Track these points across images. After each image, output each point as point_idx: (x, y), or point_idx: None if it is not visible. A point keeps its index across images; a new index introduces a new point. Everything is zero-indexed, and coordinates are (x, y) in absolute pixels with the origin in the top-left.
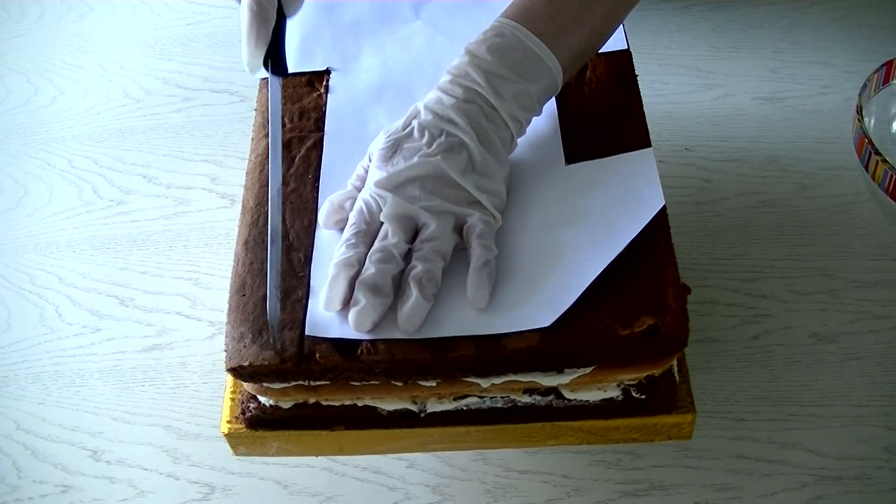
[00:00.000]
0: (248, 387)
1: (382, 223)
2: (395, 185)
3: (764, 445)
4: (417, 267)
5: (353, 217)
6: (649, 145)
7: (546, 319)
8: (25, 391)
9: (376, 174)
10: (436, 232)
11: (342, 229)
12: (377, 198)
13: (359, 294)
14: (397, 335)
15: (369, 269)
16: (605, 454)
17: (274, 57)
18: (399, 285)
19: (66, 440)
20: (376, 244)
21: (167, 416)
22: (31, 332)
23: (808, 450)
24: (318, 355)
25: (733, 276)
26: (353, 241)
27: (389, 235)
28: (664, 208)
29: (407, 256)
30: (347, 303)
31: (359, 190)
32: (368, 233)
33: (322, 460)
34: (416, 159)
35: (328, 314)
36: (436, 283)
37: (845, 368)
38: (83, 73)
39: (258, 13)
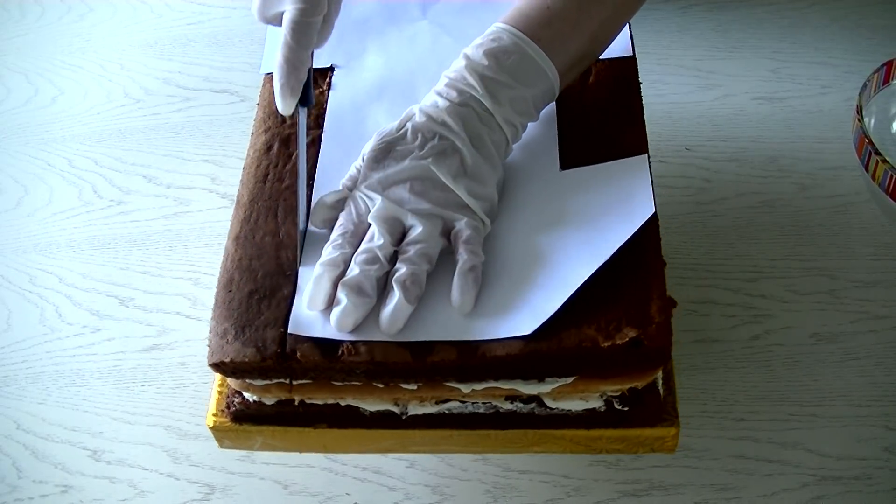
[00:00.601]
0: (231, 382)
1: (370, 224)
2: (384, 187)
3: (764, 445)
4: (402, 269)
5: (341, 218)
6: (646, 152)
7: (527, 327)
8: (25, 391)
9: (367, 175)
10: (422, 235)
11: (332, 229)
12: (366, 199)
13: (341, 294)
14: (379, 337)
15: (353, 270)
16: (605, 454)
17: (302, 92)
18: (384, 287)
19: (66, 440)
20: (362, 245)
21: (167, 416)
22: (31, 332)
23: (808, 450)
24: (298, 354)
25: (733, 276)
26: (339, 241)
27: (376, 237)
28: (655, 218)
29: (393, 258)
30: (331, 303)
31: (350, 190)
32: (356, 234)
33: (322, 460)
34: (406, 162)
35: (312, 313)
36: (420, 287)
37: (845, 368)
38: (83, 73)
39: (294, 66)
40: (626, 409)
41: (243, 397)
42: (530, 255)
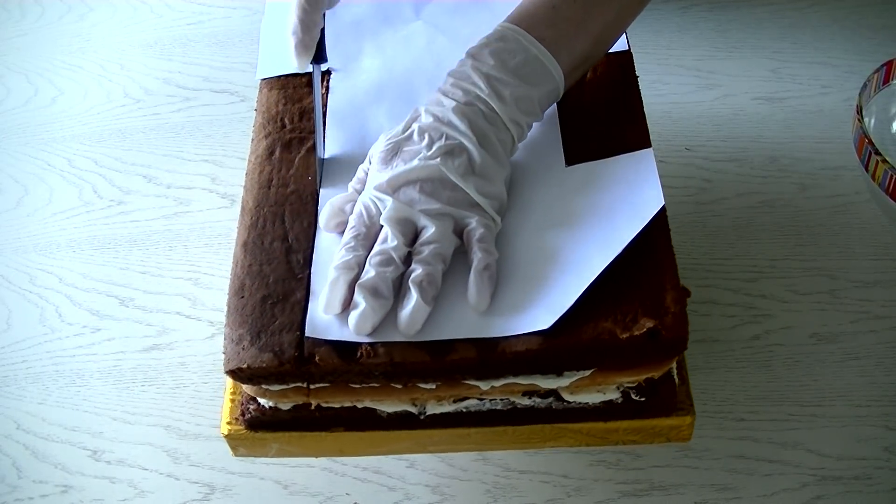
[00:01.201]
0: (246, 388)
1: (382, 226)
2: (394, 188)
3: (764, 445)
4: (418, 270)
5: (352, 220)
6: (649, 146)
7: (545, 322)
8: (25, 391)
9: (376, 177)
10: (435, 235)
11: (342, 232)
12: (376, 201)
13: (359, 297)
14: (397, 338)
15: (369, 273)
16: (606, 454)
17: (316, 50)
18: (399, 288)
19: (66, 440)
20: (376, 247)
21: (167, 416)
22: (31, 332)
23: (808, 450)
24: (317, 358)
25: (733, 276)
26: (352, 244)
27: (389, 238)
28: (664, 210)
29: (406, 259)
30: (347, 306)
31: (359, 192)
32: (368, 236)
33: (322, 460)
34: (415, 162)
35: (327, 316)
36: (436, 287)
37: (845, 368)
38: (83, 73)
39: (307, 26)
40: (642, 399)
41: (258, 404)
42: (543, 250)
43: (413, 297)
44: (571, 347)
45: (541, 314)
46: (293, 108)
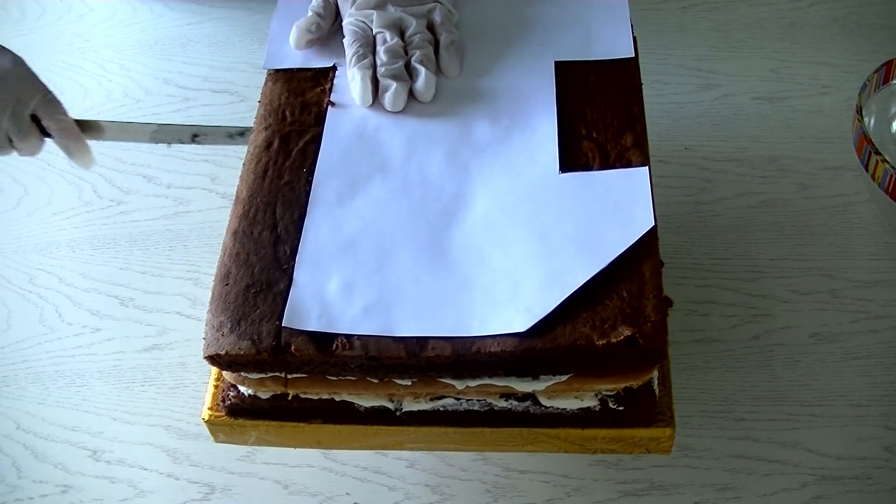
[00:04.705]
0: (227, 375)
1: (376, 35)
2: (375, 5)
3: (764, 445)
4: (416, 53)
5: (351, 36)
6: (647, 162)
7: (523, 324)
8: (25, 391)
9: (352, 6)
10: (418, 28)
11: (309, 50)
12: (363, 18)
13: (387, 81)
14: (373, 332)
15: (388, 64)
16: (601, 454)
17: None
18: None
19: (66, 440)
20: (383, 47)
21: (167, 416)
22: (31, 332)
23: (808, 450)
24: (293, 347)
25: (733, 276)
26: (361, 52)
27: (388, 39)
28: (654, 227)
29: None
30: (375, 97)
31: (321, 17)
32: (368, 45)
33: (322, 460)
34: None
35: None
36: (433, 62)
37: (845, 368)
38: (83, 73)
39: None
40: (621, 408)
41: (238, 391)
42: (528, 254)
43: (422, 72)
44: (547, 351)
45: (519, 316)
46: (295, 102)
